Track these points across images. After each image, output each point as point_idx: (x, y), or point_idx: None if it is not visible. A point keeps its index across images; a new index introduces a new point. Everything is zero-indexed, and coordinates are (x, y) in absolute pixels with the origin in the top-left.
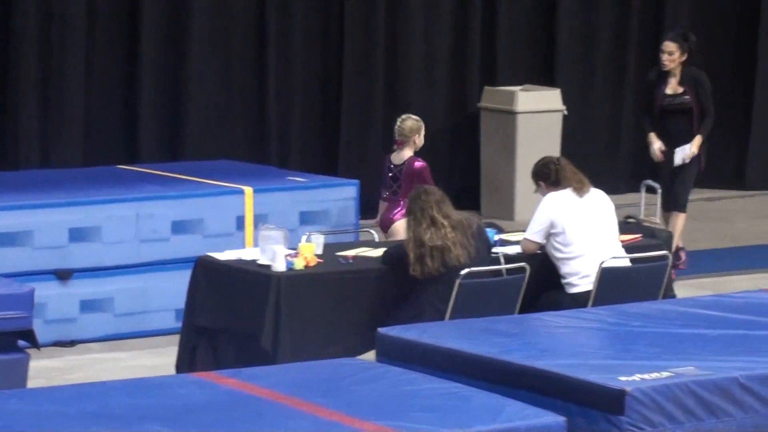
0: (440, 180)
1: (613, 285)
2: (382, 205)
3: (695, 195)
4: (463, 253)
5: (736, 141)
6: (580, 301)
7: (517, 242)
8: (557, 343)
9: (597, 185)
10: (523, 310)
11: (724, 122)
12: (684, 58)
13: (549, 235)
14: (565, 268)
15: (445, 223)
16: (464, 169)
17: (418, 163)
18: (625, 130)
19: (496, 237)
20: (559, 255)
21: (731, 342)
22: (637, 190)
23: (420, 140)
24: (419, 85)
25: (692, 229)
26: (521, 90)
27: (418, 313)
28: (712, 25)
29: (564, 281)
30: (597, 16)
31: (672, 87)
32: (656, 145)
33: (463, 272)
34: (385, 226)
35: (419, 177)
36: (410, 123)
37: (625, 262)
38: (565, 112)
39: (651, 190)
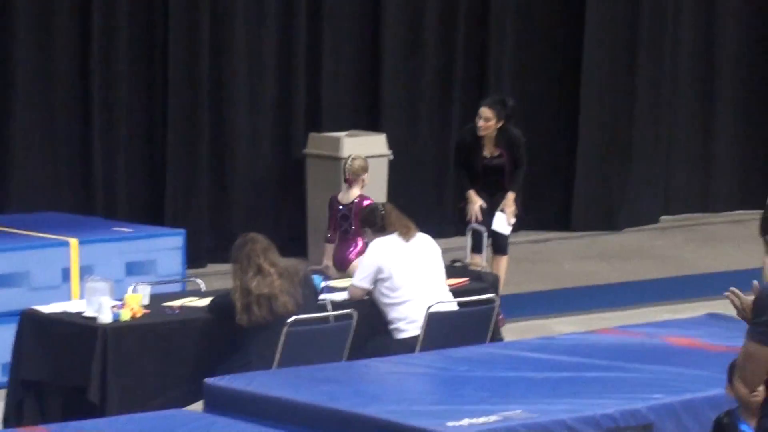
0: (267, 227)
1: (440, 329)
2: (329, 247)
3: (521, 237)
4: (290, 300)
5: (561, 184)
6: (407, 346)
7: (344, 289)
8: (385, 390)
9: (424, 229)
10: (351, 356)
11: (549, 166)
12: (500, 124)
13: (376, 281)
14: (392, 314)
15: (272, 270)
16: (291, 216)
17: (368, 201)
18: (451, 174)
19: (323, 284)
20: (386, 300)
21: (558, 384)
22: (463, 233)
23: (367, 179)
24: (244, 133)
25: (518, 271)
26: (347, 135)
27: (246, 362)
28: (536, 70)
29: (392, 327)
30: (421, 61)
31: (489, 150)
32: (476, 206)
33: (290, 320)
34: (343, 266)
35: None
36: (359, 162)
37: (453, 306)
38: (391, 157)
39: (477, 234)
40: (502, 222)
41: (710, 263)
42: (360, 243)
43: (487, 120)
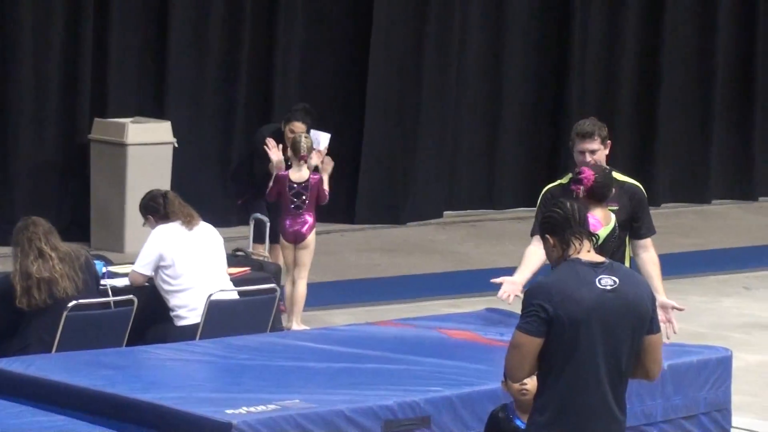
0: (50, 212)
1: (221, 317)
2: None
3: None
4: (70, 285)
5: (346, 177)
6: (188, 333)
7: (125, 274)
8: (164, 376)
9: (207, 218)
10: (131, 342)
11: (334, 159)
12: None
13: (158, 268)
14: (173, 301)
15: (53, 254)
16: (74, 201)
17: (317, 176)
18: (235, 164)
19: (104, 269)
20: (167, 287)
21: (337, 375)
22: (246, 223)
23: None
24: (28, 116)
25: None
26: (132, 122)
27: (25, 345)
28: (323, 62)
29: (172, 314)
30: (207, 48)
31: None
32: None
33: (70, 304)
34: (297, 240)
35: (320, 189)
36: (308, 141)
37: (233, 295)
38: (176, 145)
39: (260, 224)
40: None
41: (491, 259)
42: (311, 218)
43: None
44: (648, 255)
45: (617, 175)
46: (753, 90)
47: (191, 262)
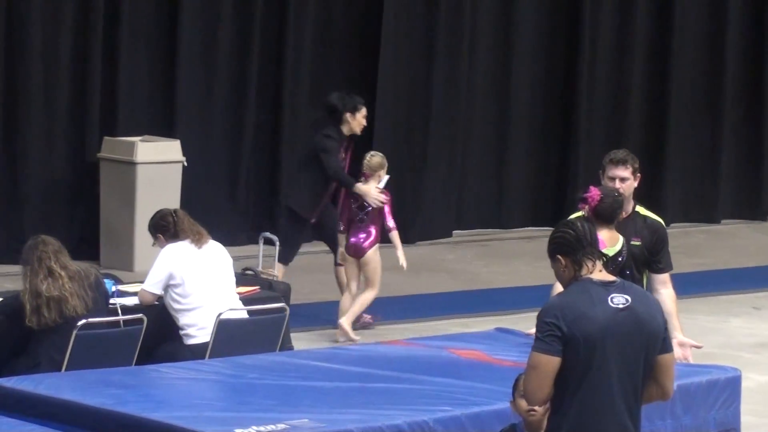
0: (59, 231)
1: (230, 337)
2: (341, 237)
3: (314, 248)
4: (80, 303)
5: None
6: (197, 352)
7: (135, 293)
8: (173, 395)
9: (216, 237)
10: (141, 361)
11: None
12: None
13: (167, 287)
14: (183, 320)
15: (63, 273)
16: (84, 220)
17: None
18: (244, 183)
19: (114, 288)
20: (177, 306)
21: (347, 394)
22: (255, 242)
23: (383, 175)
24: (38, 134)
25: (311, 281)
26: (141, 141)
27: (35, 364)
28: (332, 80)
29: (182, 332)
30: (216, 68)
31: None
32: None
33: (80, 323)
34: (358, 254)
35: (388, 206)
36: (377, 159)
37: (243, 314)
38: (185, 163)
39: (269, 242)
40: None
41: (500, 278)
42: (374, 232)
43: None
44: (667, 291)
45: (641, 209)
46: (762, 110)
47: (201, 281)
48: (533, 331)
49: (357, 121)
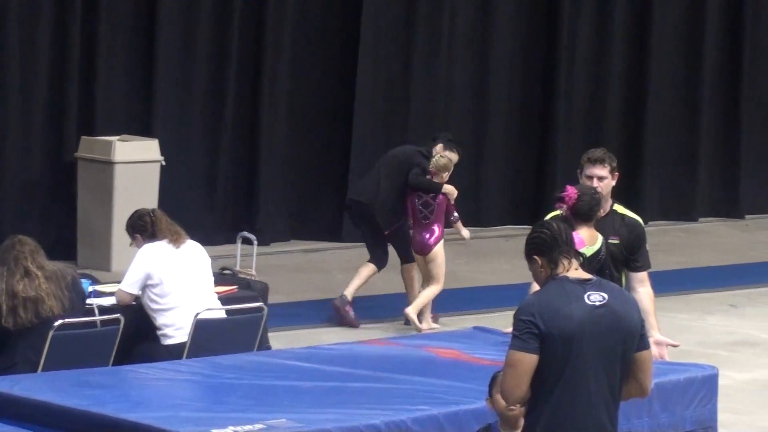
0: (36, 230)
1: (208, 336)
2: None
3: (293, 246)
4: (56, 304)
5: (334, 195)
6: (174, 352)
7: (112, 293)
8: (151, 395)
9: (194, 237)
10: (118, 361)
11: (322, 178)
12: None
13: (145, 287)
14: (160, 320)
15: (39, 273)
16: (61, 219)
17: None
18: (222, 183)
19: (91, 288)
20: (154, 306)
21: (324, 394)
22: (233, 241)
23: (446, 177)
24: (15, 134)
25: (290, 280)
26: (119, 140)
27: (11, 365)
28: (311, 80)
29: (159, 332)
30: (194, 67)
31: None
32: None
33: (56, 323)
34: (424, 251)
35: (447, 204)
36: (444, 161)
37: (221, 314)
38: (163, 163)
39: (247, 242)
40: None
41: (480, 277)
42: (437, 230)
43: None
44: (645, 289)
45: (619, 208)
46: (739, 109)
47: (179, 281)
48: (511, 329)
49: (439, 162)
